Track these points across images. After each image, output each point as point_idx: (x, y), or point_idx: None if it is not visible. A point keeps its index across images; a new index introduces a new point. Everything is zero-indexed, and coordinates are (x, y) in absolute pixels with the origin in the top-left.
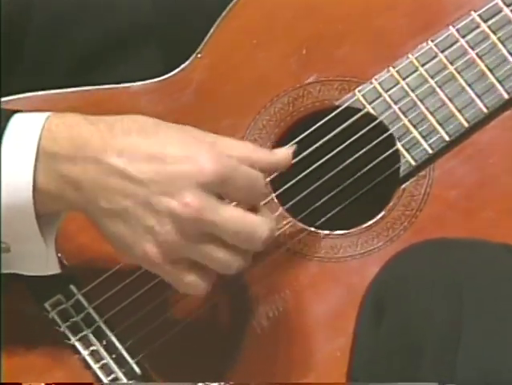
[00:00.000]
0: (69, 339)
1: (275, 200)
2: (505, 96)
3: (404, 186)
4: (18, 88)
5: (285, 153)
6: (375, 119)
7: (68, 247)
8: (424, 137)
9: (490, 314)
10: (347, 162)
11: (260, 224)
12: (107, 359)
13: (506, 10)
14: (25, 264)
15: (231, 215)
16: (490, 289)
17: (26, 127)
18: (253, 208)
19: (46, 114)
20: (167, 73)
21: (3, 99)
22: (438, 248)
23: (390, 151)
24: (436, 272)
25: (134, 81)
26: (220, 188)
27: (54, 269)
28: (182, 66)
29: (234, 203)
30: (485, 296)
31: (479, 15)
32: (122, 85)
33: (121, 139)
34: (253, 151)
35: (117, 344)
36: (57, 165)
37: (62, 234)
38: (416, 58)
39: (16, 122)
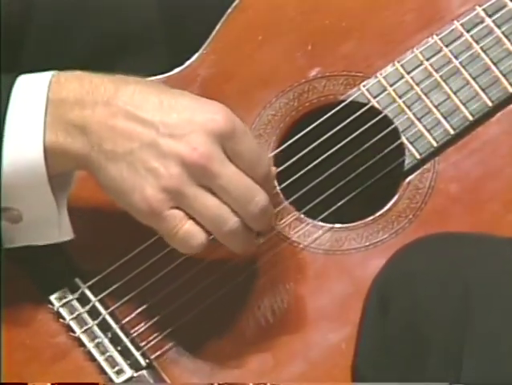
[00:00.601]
0: (74, 332)
1: (280, 194)
2: (510, 90)
3: (408, 179)
4: None
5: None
6: (380, 113)
7: (74, 240)
8: (428, 130)
9: (497, 310)
10: (352, 156)
11: (260, 193)
12: (112, 351)
13: (511, 5)
14: (37, 232)
15: (235, 172)
16: (496, 284)
17: (33, 84)
18: None
19: (52, 72)
20: (172, 70)
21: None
22: (444, 242)
23: (395, 144)
24: (442, 267)
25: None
26: (227, 143)
27: (67, 235)
28: (188, 62)
29: None
30: (492, 292)
31: (484, 10)
32: None
33: (133, 85)
34: None
35: (122, 336)
36: (64, 111)
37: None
38: (420, 53)
39: (22, 81)
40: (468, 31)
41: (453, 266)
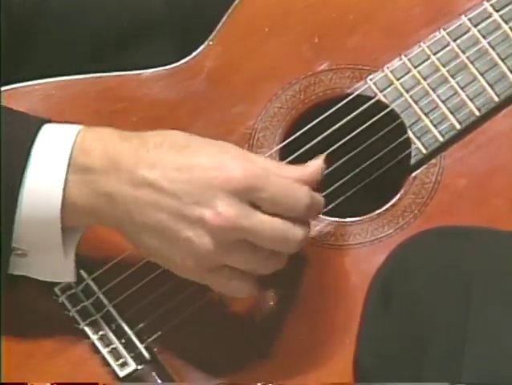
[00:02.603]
0: (78, 324)
1: None
2: None
3: (414, 174)
4: (30, 76)
5: (316, 165)
6: (387, 107)
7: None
8: (435, 125)
9: (498, 304)
10: (358, 150)
11: (292, 228)
12: (116, 344)
13: None
14: (40, 271)
15: (264, 220)
16: (498, 278)
17: (58, 139)
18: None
19: (78, 127)
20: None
21: (16, 85)
22: (446, 236)
23: (401, 139)
24: (443, 261)
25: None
26: (251, 196)
27: (69, 278)
28: (194, 53)
29: None
30: (493, 285)
31: (491, 5)
32: (134, 72)
33: (153, 152)
34: (278, 166)
35: (126, 329)
36: (91, 178)
37: None
38: (428, 47)
39: (46, 133)
40: (475, 26)
41: (454, 260)
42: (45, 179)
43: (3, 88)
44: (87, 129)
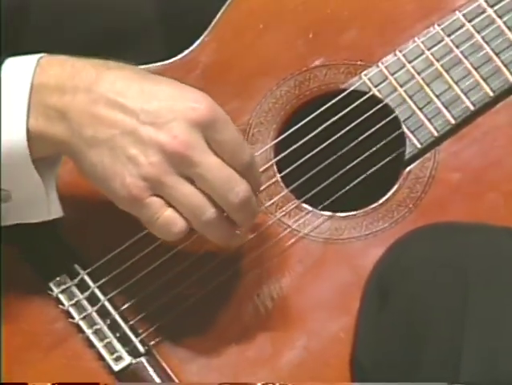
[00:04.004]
0: (73, 318)
1: (280, 182)
2: (511, 80)
3: (409, 169)
4: None
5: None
6: (381, 102)
7: (73, 226)
8: (429, 120)
9: (495, 298)
10: (353, 144)
11: (241, 183)
12: (111, 338)
13: None
14: (27, 210)
15: (216, 161)
16: (495, 273)
17: (19, 70)
18: None
19: (39, 55)
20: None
21: None
22: (441, 232)
23: (395, 133)
24: (439, 256)
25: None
26: (209, 132)
27: (56, 213)
28: (189, 49)
29: None
30: (490, 280)
31: (485, 0)
32: None
33: (115, 71)
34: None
35: (121, 323)
36: (45, 97)
37: (68, 214)
38: (422, 42)
39: (9, 65)
40: (469, 21)
41: (450, 256)
42: (10, 112)
43: None
44: (46, 56)
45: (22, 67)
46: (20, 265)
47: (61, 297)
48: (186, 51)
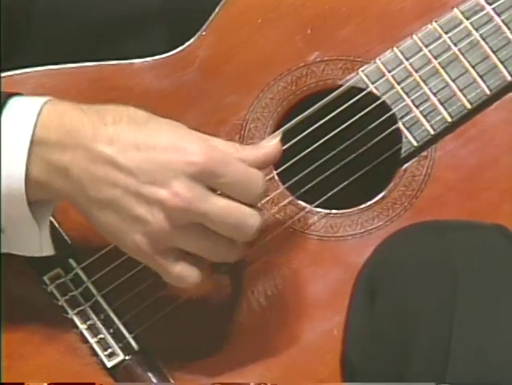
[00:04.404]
0: (67, 313)
1: (276, 179)
2: (509, 78)
3: (405, 166)
4: (22, 64)
5: (272, 146)
6: (378, 98)
7: (68, 222)
8: (426, 117)
9: (484, 297)
10: (349, 141)
11: (250, 215)
12: (105, 334)
13: None
14: (19, 245)
15: (220, 205)
16: (484, 271)
17: (23, 113)
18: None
19: (43, 100)
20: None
21: (9, 72)
22: (431, 230)
23: (392, 130)
24: (429, 255)
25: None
26: (210, 181)
27: (48, 251)
28: (187, 43)
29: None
30: (479, 279)
31: None
32: (126, 61)
33: (112, 128)
34: (238, 149)
35: (115, 319)
36: (46, 153)
37: (63, 210)
38: (419, 39)
39: (13, 106)
40: (467, 19)
41: (440, 254)
42: (10, 155)
43: None
44: (49, 101)
45: (25, 112)
46: (15, 260)
47: (55, 291)
48: (184, 45)
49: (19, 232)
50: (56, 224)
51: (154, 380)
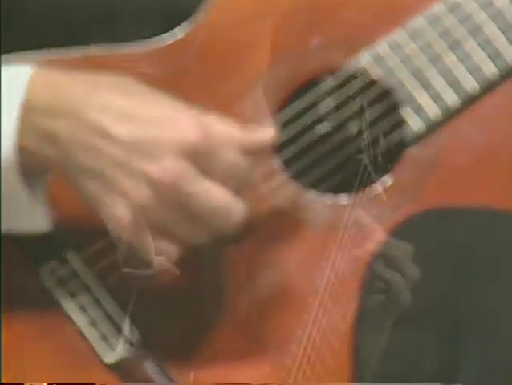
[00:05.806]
0: (63, 305)
1: (279, 166)
2: None
3: (410, 153)
4: (14, 49)
5: (268, 130)
6: (382, 82)
7: (64, 213)
8: (430, 102)
9: (496, 284)
10: (352, 127)
11: (235, 207)
12: (104, 329)
13: None
14: (17, 221)
15: (208, 189)
16: (496, 258)
17: (13, 79)
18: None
19: (29, 70)
20: None
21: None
22: (442, 218)
23: (396, 115)
24: (440, 242)
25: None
26: (200, 161)
27: (44, 225)
28: (184, 28)
29: None
30: (491, 266)
31: None
32: (122, 46)
33: (105, 95)
34: (235, 131)
35: (113, 313)
36: (35, 119)
37: (59, 201)
38: (424, 21)
39: (3, 74)
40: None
41: (451, 242)
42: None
43: None
44: (39, 69)
45: (15, 79)
46: (10, 252)
47: (53, 284)
48: (181, 30)
49: (15, 207)
50: (54, 215)
51: (153, 376)
